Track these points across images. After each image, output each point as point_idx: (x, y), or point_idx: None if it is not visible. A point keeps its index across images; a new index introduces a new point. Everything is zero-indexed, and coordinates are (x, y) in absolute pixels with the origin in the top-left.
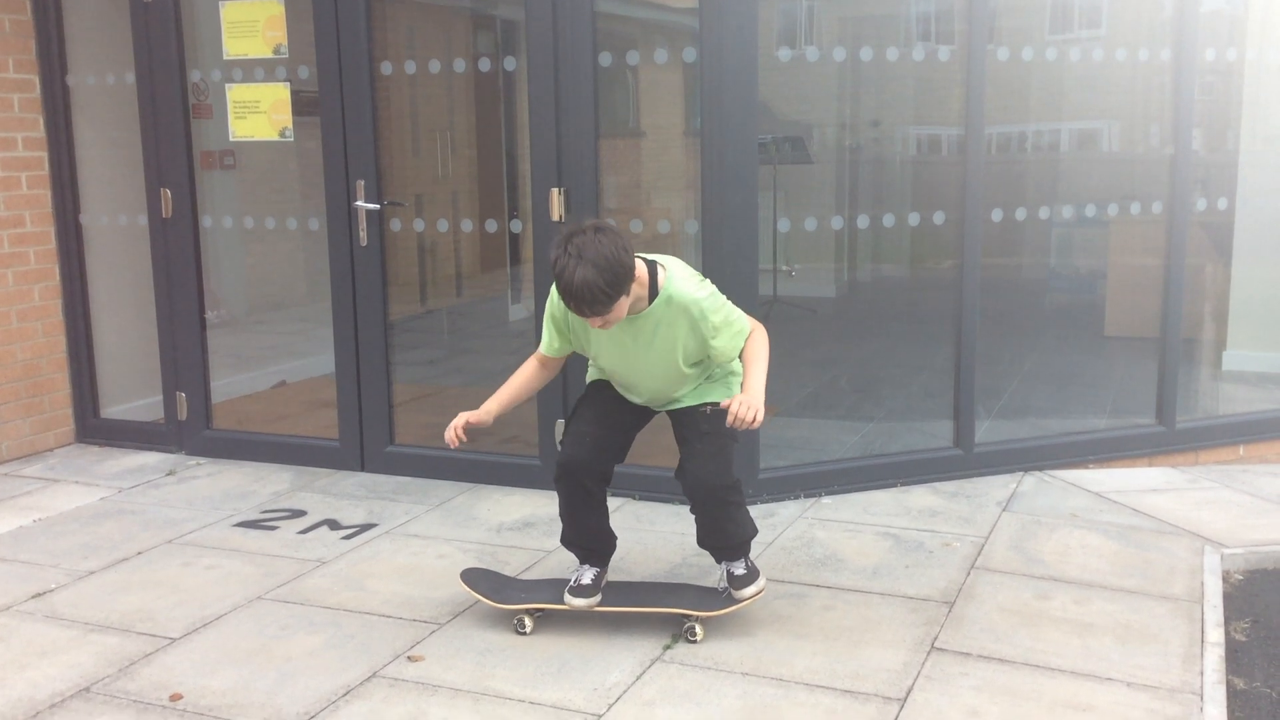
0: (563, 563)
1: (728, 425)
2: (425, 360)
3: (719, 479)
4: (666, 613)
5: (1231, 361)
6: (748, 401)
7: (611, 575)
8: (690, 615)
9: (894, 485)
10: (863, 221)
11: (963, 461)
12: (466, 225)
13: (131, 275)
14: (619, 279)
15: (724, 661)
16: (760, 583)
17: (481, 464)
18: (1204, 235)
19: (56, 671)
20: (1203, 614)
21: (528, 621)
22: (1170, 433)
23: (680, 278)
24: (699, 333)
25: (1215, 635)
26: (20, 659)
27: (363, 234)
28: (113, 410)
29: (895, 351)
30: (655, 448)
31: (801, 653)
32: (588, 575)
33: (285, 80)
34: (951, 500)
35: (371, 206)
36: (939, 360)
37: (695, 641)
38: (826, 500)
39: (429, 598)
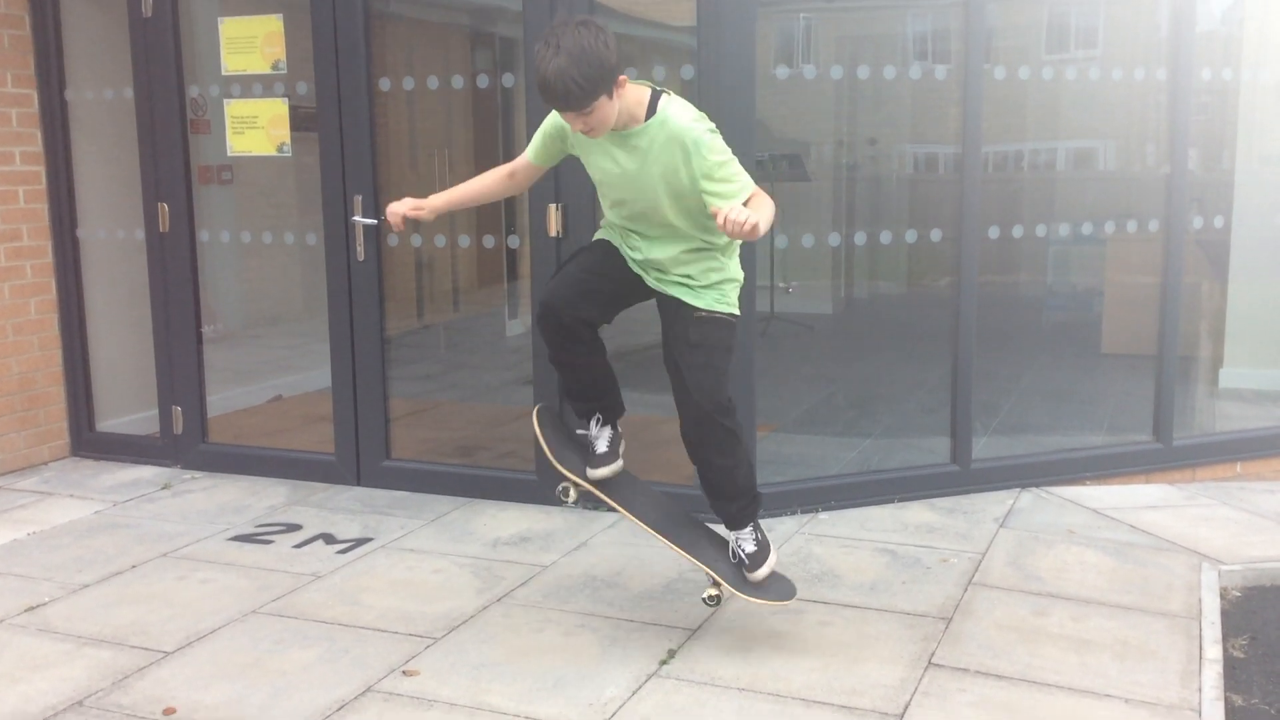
0: (560, 577)
1: (718, 226)
2: (422, 375)
3: (709, 395)
4: (680, 554)
5: (1228, 379)
6: (742, 209)
7: (606, 590)
8: (718, 582)
9: (891, 501)
10: (860, 239)
11: (960, 478)
12: (464, 241)
13: (128, 289)
14: (597, 75)
15: (720, 677)
16: (772, 559)
17: (478, 479)
18: (1200, 253)
19: (49, 685)
20: (1201, 630)
21: (571, 491)
22: (1167, 450)
23: (680, 106)
24: (691, 169)
25: (1213, 652)
26: (13, 672)
27: (360, 249)
28: (108, 424)
29: (892, 368)
30: (650, 464)
31: (798, 668)
32: (601, 442)
33: (283, 96)
34: (949, 516)
35: (369, 222)
36: (936, 377)
37: (714, 605)
38: (823, 516)
39: (424, 612)
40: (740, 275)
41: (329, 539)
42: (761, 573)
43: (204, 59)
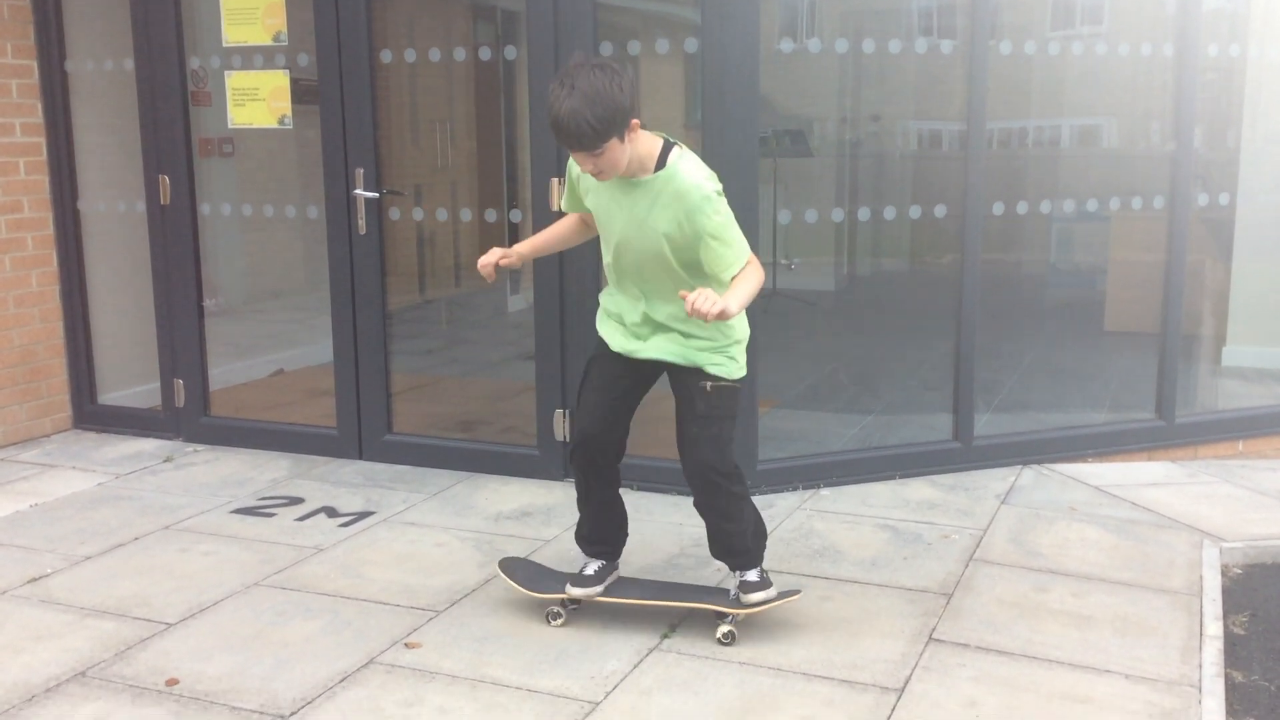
0: (560, 551)
1: (686, 314)
2: (423, 350)
3: (714, 463)
4: (671, 606)
5: (1231, 357)
6: (712, 296)
7: None
8: (721, 613)
9: (892, 478)
10: (863, 215)
11: (961, 455)
12: (466, 215)
13: (129, 262)
14: (610, 117)
15: (721, 651)
16: (770, 592)
17: (479, 453)
18: (1205, 231)
19: (52, 656)
20: (1201, 607)
21: (561, 612)
22: (1170, 427)
23: (692, 163)
24: (694, 225)
25: (1214, 628)
26: (16, 643)
27: (361, 223)
28: (110, 397)
29: (895, 345)
30: (652, 439)
31: (799, 643)
32: (591, 567)
33: (284, 68)
34: (950, 493)
35: (370, 195)
36: (938, 354)
37: (730, 641)
38: (825, 492)
39: (426, 585)
40: (746, 332)
41: (331, 512)
42: (756, 596)
43: (205, 30)
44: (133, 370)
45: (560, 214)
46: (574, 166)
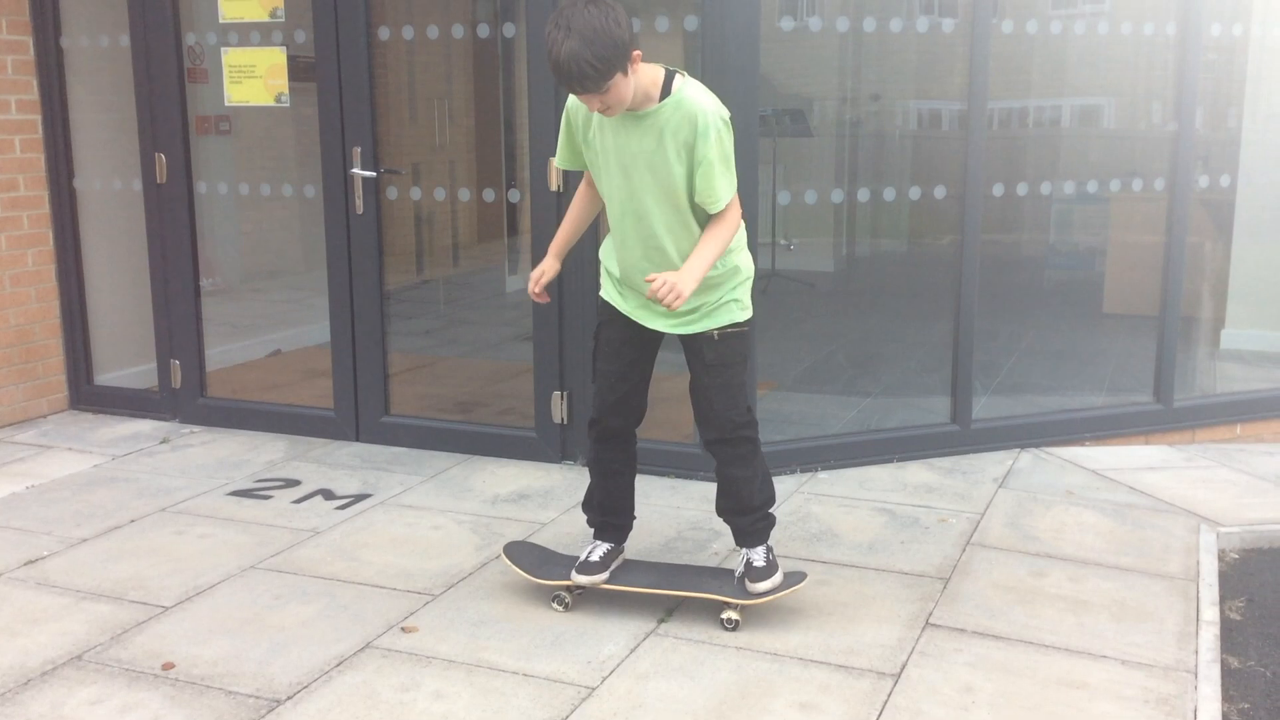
0: (558, 534)
1: (646, 297)
2: (421, 330)
3: (729, 412)
4: (678, 595)
5: (1230, 340)
6: (669, 280)
7: None
8: (726, 602)
9: (890, 461)
10: (863, 195)
11: (960, 438)
12: (464, 194)
13: (126, 241)
14: (610, 54)
15: (718, 636)
16: (777, 579)
17: (477, 435)
18: (1205, 213)
19: (48, 639)
20: (1198, 592)
21: (567, 598)
22: (1168, 411)
23: (698, 89)
24: (698, 150)
25: (1210, 614)
26: (12, 626)
27: (359, 202)
28: (106, 377)
29: (893, 327)
30: (649, 421)
31: (796, 627)
32: (596, 553)
33: (282, 45)
34: (948, 476)
35: (368, 174)
36: (937, 336)
37: (733, 628)
38: (823, 475)
39: (423, 569)
40: (751, 268)
41: (328, 495)
42: (762, 586)
43: (201, 6)
44: (129, 351)
45: (559, 194)
46: (571, 117)
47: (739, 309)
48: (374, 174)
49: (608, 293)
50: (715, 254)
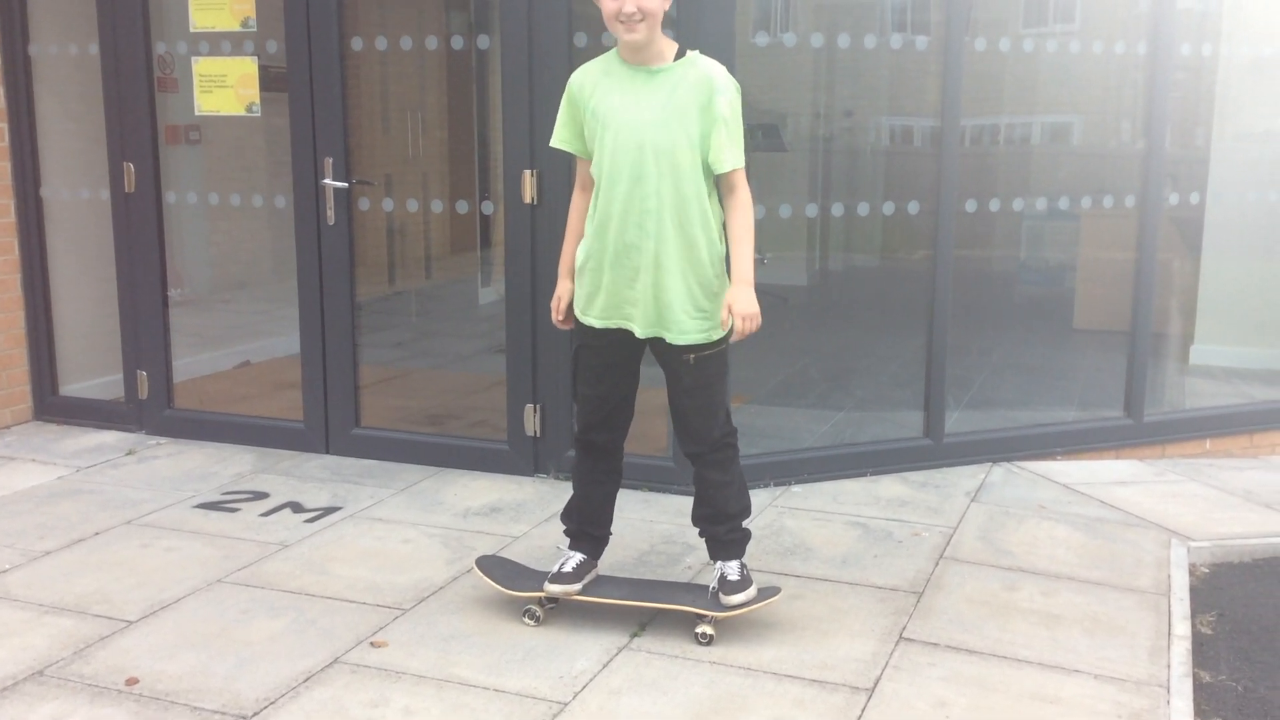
0: (530, 548)
1: (731, 341)
2: (392, 342)
3: (709, 431)
4: (651, 607)
5: (1199, 356)
6: (741, 311)
7: None
8: (699, 615)
9: (864, 475)
10: (837, 210)
11: (932, 452)
12: (437, 206)
13: (93, 250)
14: None
15: (691, 650)
16: (751, 592)
17: (448, 448)
18: (1174, 230)
19: (8, 654)
20: (1169, 607)
21: (539, 612)
22: (1138, 425)
23: (711, 60)
24: (712, 111)
25: (1182, 628)
26: None
27: (330, 213)
28: (72, 388)
29: (866, 341)
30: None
31: (770, 642)
32: (570, 563)
33: (253, 54)
34: (920, 490)
35: (340, 185)
36: (910, 350)
37: (707, 642)
38: (796, 489)
39: (393, 583)
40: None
41: (296, 507)
42: (736, 599)
43: (171, 15)
44: (95, 361)
45: (533, 206)
46: (574, 91)
47: (718, 330)
48: (346, 185)
49: (583, 316)
50: (750, 242)
